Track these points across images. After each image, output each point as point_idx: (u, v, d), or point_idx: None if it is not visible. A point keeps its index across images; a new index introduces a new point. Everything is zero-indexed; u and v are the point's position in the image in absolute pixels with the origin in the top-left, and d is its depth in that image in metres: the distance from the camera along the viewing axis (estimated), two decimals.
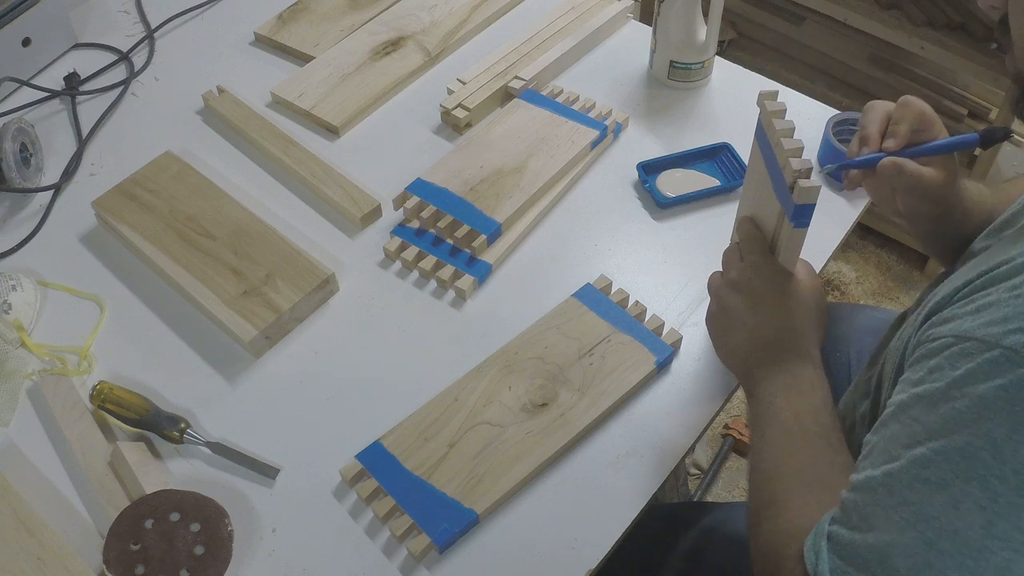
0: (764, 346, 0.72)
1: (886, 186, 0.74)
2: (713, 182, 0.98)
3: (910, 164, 0.70)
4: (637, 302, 0.87)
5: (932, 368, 0.51)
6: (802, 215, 0.68)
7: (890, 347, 0.67)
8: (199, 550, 0.71)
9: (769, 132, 0.71)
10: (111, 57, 1.20)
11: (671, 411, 0.81)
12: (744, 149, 0.89)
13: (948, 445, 0.48)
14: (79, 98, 1.15)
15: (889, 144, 0.72)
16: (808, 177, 0.66)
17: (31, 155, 1.04)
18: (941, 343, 0.51)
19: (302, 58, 1.18)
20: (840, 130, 0.97)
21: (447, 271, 0.92)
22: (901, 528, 0.49)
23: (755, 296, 0.74)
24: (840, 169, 0.76)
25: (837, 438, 0.66)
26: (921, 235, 0.81)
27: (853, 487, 0.54)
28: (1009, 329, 0.47)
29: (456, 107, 1.07)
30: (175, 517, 0.73)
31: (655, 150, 1.04)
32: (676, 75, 1.09)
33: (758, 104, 0.72)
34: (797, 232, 0.70)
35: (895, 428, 0.52)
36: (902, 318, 0.76)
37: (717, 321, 0.77)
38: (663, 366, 0.83)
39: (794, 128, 0.69)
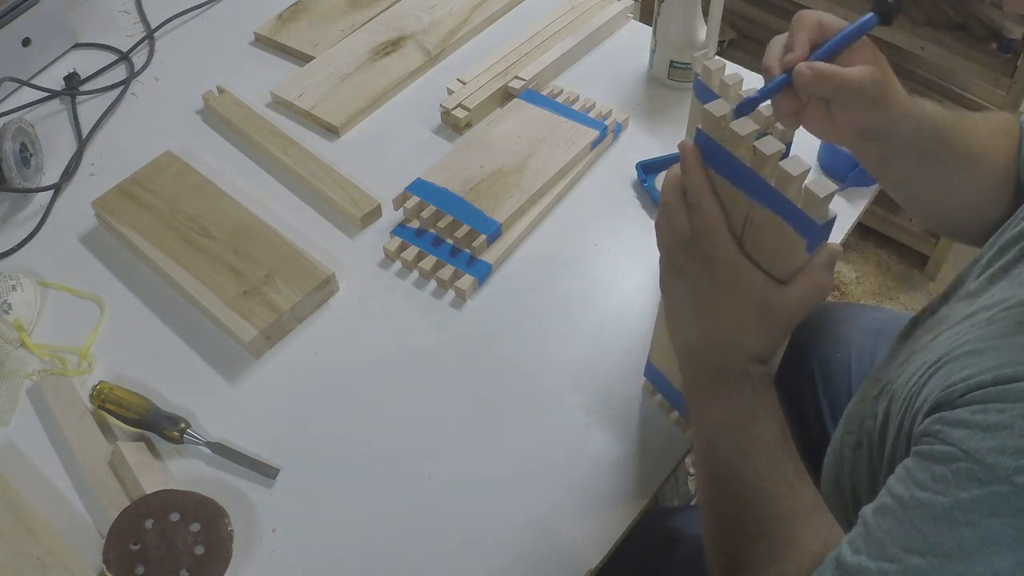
0: (699, 357, 0.63)
1: (818, 107, 0.65)
2: None
3: (827, 66, 0.62)
4: None
5: (937, 476, 0.49)
6: (822, 235, 0.56)
7: (899, 381, 0.63)
8: (199, 550, 0.71)
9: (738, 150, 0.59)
10: (111, 57, 1.20)
11: (671, 411, 0.81)
12: None
13: (948, 568, 0.47)
14: (79, 98, 1.15)
15: (788, 57, 0.63)
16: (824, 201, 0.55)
17: (31, 155, 1.04)
18: (949, 452, 0.49)
19: (302, 58, 1.18)
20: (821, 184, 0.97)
21: (447, 271, 0.92)
22: None
23: (699, 296, 0.62)
24: (748, 106, 0.62)
25: (796, 477, 0.58)
26: (882, 173, 0.74)
27: (845, 569, 0.51)
28: (1021, 466, 0.45)
29: (456, 107, 1.07)
30: (175, 517, 0.73)
31: (655, 150, 1.03)
32: (676, 75, 1.09)
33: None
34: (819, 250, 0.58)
35: (893, 525, 0.50)
36: (913, 323, 0.75)
37: (666, 297, 0.67)
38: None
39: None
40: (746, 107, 0.62)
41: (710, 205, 0.60)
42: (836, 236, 0.94)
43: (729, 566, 0.59)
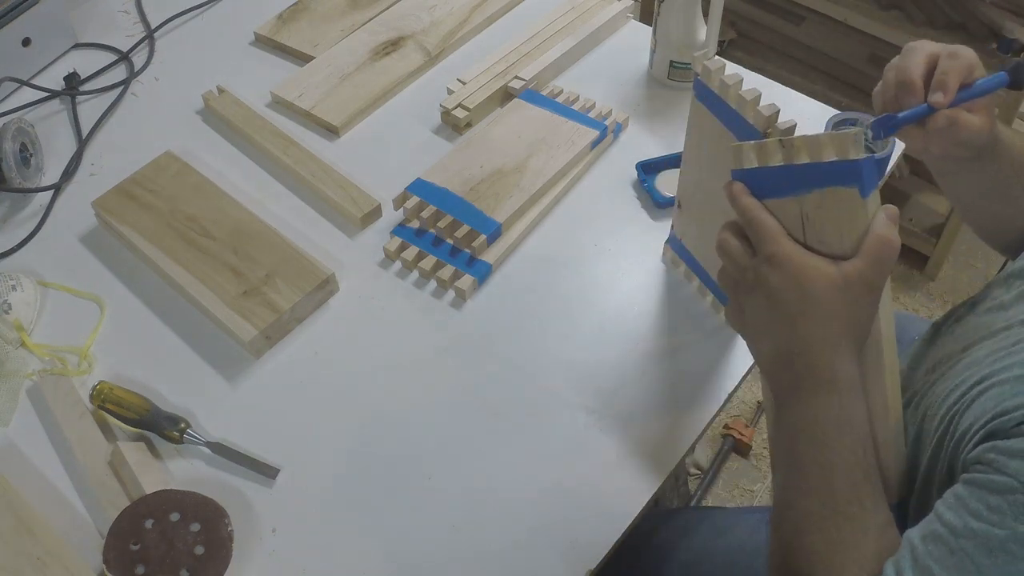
0: (785, 364, 0.60)
1: (929, 138, 0.68)
2: None
3: (964, 116, 0.66)
4: None
5: (992, 507, 0.49)
6: (877, 175, 0.58)
7: (931, 394, 0.63)
8: (199, 550, 0.71)
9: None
10: (111, 57, 1.20)
11: (671, 411, 0.81)
12: None
13: None
14: (79, 98, 1.15)
15: (938, 99, 0.64)
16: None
17: (31, 155, 1.04)
18: (1006, 483, 0.48)
19: (302, 58, 1.18)
20: (840, 130, 0.97)
21: (447, 271, 0.92)
22: None
23: (774, 298, 0.60)
24: (887, 125, 0.66)
25: (869, 498, 0.57)
26: (947, 184, 0.77)
27: None
28: None
29: (456, 107, 1.07)
30: (175, 517, 0.73)
31: (655, 150, 1.03)
32: (676, 75, 1.09)
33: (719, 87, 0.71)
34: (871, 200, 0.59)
35: (944, 554, 0.50)
36: (936, 329, 0.74)
37: (741, 326, 0.65)
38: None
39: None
40: (886, 124, 0.66)
41: (761, 214, 0.61)
42: None
43: (786, 568, 0.59)
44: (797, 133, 0.69)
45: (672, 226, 0.89)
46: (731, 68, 0.74)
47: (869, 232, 0.58)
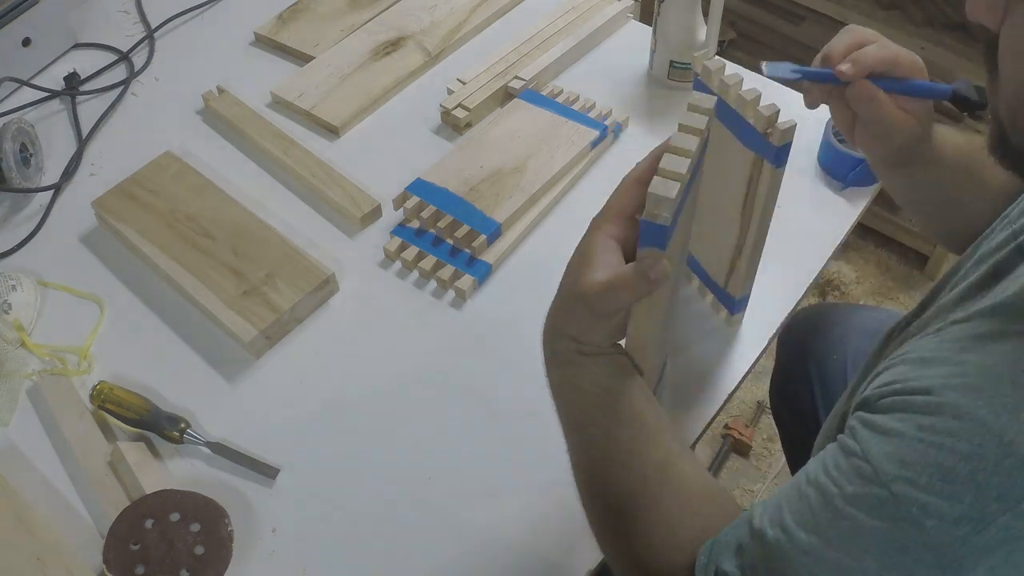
0: (544, 340, 0.63)
1: (849, 112, 0.68)
2: None
3: (886, 104, 0.65)
4: None
5: (838, 466, 0.51)
6: (782, 156, 0.67)
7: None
8: (199, 550, 0.71)
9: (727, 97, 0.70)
10: (111, 57, 1.20)
11: (671, 411, 0.81)
12: None
13: (827, 554, 0.49)
14: (79, 98, 1.15)
15: (845, 68, 0.65)
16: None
17: (31, 155, 1.04)
18: (852, 447, 0.50)
19: (302, 58, 1.18)
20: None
21: (447, 271, 0.92)
22: None
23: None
24: (783, 67, 0.68)
25: (652, 468, 0.60)
26: (886, 185, 0.78)
27: (752, 533, 0.54)
28: (902, 476, 0.46)
29: (456, 107, 1.07)
30: (175, 517, 0.73)
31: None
32: (676, 75, 1.09)
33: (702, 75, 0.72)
34: (778, 172, 0.69)
35: (794, 497, 0.53)
36: (888, 337, 0.75)
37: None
38: None
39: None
40: (782, 67, 0.69)
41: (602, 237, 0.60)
42: (836, 236, 0.94)
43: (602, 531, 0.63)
44: (797, 133, 0.69)
45: None
46: (731, 68, 0.74)
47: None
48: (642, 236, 0.56)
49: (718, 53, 1.10)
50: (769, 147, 0.69)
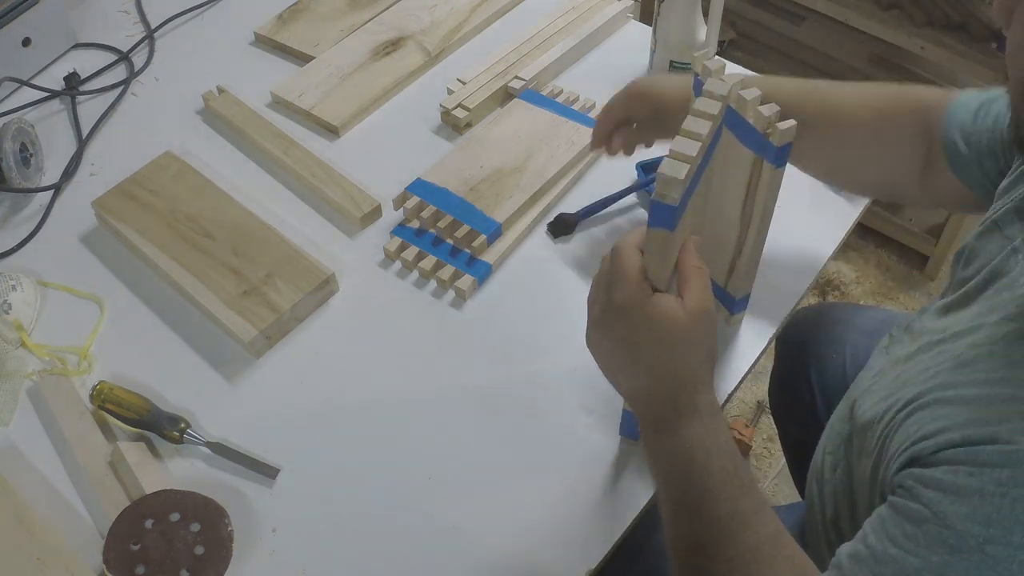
0: (646, 402, 0.62)
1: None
2: None
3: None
4: None
5: (909, 535, 0.49)
6: (782, 156, 0.68)
7: (869, 408, 0.64)
8: (199, 550, 0.71)
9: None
10: (111, 57, 1.20)
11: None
12: None
13: None
14: (79, 98, 1.15)
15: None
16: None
17: (31, 155, 1.04)
18: (920, 512, 0.49)
19: (302, 58, 1.18)
20: None
21: (447, 271, 0.92)
22: None
23: (622, 346, 0.62)
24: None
25: (752, 511, 0.59)
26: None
27: None
28: (993, 536, 0.46)
29: (456, 107, 1.07)
30: (175, 517, 0.73)
31: (655, 150, 1.03)
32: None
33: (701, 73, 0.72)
34: (778, 172, 0.69)
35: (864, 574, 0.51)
36: (891, 336, 0.75)
37: (594, 353, 0.66)
38: None
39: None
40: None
41: (624, 253, 0.61)
42: (836, 236, 0.94)
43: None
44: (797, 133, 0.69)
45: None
46: (731, 68, 0.74)
47: (681, 263, 0.61)
48: (651, 217, 0.58)
49: (718, 53, 1.10)
50: (769, 147, 0.69)
